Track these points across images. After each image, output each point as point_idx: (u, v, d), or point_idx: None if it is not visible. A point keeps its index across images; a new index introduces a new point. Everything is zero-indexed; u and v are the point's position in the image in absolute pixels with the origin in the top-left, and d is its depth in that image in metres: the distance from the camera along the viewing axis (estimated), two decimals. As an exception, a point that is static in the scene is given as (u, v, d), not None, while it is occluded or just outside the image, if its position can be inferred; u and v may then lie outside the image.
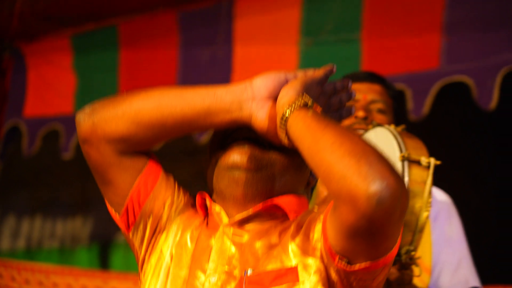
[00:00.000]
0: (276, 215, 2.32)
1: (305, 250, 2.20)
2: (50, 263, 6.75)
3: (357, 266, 2.05)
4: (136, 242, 2.38)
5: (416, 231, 3.02)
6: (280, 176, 2.31)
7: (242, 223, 2.31)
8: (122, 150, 2.29)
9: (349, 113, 2.36)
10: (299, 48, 5.17)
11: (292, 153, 2.26)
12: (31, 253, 7.35)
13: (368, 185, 1.87)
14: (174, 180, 2.41)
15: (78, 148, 5.77)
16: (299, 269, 2.18)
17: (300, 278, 2.16)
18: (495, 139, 6.44)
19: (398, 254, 2.86)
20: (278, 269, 2.20)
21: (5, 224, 7.48)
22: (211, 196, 2.39)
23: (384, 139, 3.11)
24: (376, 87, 3.71)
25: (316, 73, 2.27)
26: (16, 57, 6.23)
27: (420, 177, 3.00)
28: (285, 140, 2.17)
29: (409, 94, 4.75)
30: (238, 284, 2.20)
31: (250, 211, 2.28)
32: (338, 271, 2.11)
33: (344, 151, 1.93)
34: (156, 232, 2.37)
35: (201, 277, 2.26)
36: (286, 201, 2.31)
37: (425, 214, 3.02)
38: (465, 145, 6.49)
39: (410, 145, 3.06)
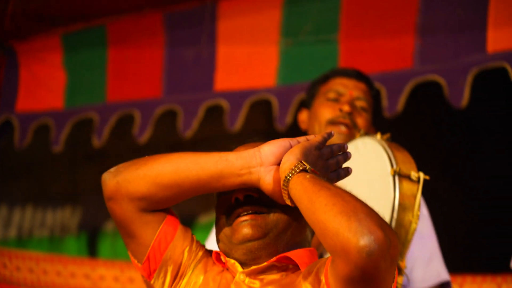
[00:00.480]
0: (287, 267, 2.47)
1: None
2: (40, 251, 6.72)
3: None
4: (158, 286, 2.51)
5: (405, 243, 3.04)
6: (285, 232, 2.49)
7: (256, 274, 2.45)
8: (144, 207, 2.46)
9: (346, 173, 2.49)
10: (279, 48, 5.16)
11: (290, 209, 2.41)
12: (22, 241, 7.32)
13: (358, 240, 2.03)
14: (190, 231, 2.59)
15: (67, 142, 5.77)
16: None
17: None
18: (467, 136, 6.44)
19: None
20: None
21: (-3, 213, 7.44)
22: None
23: (374, 152, 3.16)
24: (362, 86, 3.80)
25: (315, 138, 2.43)
26: (9, 55, 6.18)
27: (409, 191, 3.07)
28: (287, 201, 2.34)
29: (384, 93, 4.75)
30: None
31: (264, 264, 2.45)
32: None
33: (336, 211, 2.10)
34: (177, 277, 2.51)
35: None
36: (297, 254, 2.46)
37: (413, 226, 3.04)
38: (437, 142, 6.49)
39: (400, 159, 3.09)
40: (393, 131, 5.99)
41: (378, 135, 3.30)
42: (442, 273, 3.56)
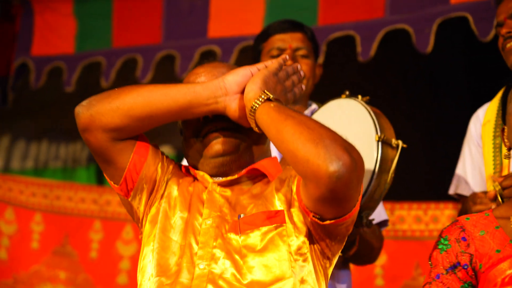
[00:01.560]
0: (255, 177, 2.49)
1: (288, 200, 2.36)
2: (54, 179, 6.73)
3: (327, 222, 2.23)
4: (135, 203, 2.50)
5: (379, 200, 3.10)
6: (251, 148, 2.49)
7: (227, 184, 2.47)
8: (117, 137, 2.41)
9: (301, 90, 2.50)
10: (265, -1, 5.15)
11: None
12: (38, 171, 7.31)
13: (327, 166, 2.06)
14: (159, 149, 2.56)
15: (78, 83, 5.77)
16: (285, 213, 2.32)
17: (286, 220, 2.31)
18: (430, 78, 6.46)
19: (360, 216, 3.00)
20: (268, 211, 2.35)
21: (15, 147, 7.42)
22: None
23: (359, 114, 3.14)
24: (298, 35, 3.79)
25: (272, 65, 2.42)
26: (24, 4, 6.15)
27: (389, 155, 3.08)
28: (255, 129, 2.34)
29: (358, 39, 4.76)
30: (233, 225, 2.36)
31: (235, 176, 2.46)
32: (312, 223, 2.28)
33: (303, 139, 2.12)
34: (153, 192, 2.49)
35: (199, 218, 2.40)
36: (263, 164, 2.47)
37: (387, 186, 3.10)
38: (404, 85, 6.50)
39: (385, 126, 3.10)
40: (366, 75, 6.02)
41: (360, 97, 3.27)
42: (382, 213, 3.61)
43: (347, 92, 3.29)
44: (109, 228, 5.87)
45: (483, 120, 3.71)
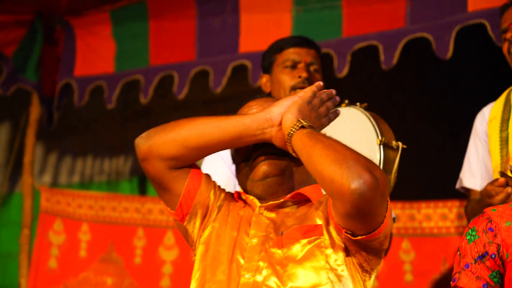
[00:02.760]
0: (300, 202, 2.53)
1: (326, 217, 2.40)
2: (99, 191, 6.76)
3: (359, 237, 2.27)
4: (190, 227, 2.57)
5: None
6: (296, 173, 2.55)
7: (273, 207, 2.53)
8: (173, 166, 2.50)
9: (335, 115, 2.54)
10: (292, 15, 5.15)
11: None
12: (84, 186, 7.32)
13: (349, 184, 2.12)
14: (212, 179, 2.63)
15: (118, 100, 5.81)
16: (323, 227, 2.38)
17: (324, 233, 2.35)
18: (450, 84, 6.41)
19: None
20: (308, 225, 2.41)
21: (62, 163, 7.45)
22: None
23: (360, 121, 3.21)
24: (312, 51, 3.86)
25: (306, 94, 2.48)
26: (66, 29, 6.19)
27: (390, 157, 3.15)
28: (293, 154, 2.41)
29: (381, 49, 4.73)
30: (276, 241, 2.41)
31: (281, 199, 2.52)
32: (346, 239, 2.32)
33: (329, 161, 2.18)
34: (206, 216, 2.56)
35: (245, 238, 2.46)
36: (307, 190, 2.53)
37: (391, 185, 3.16)
38: (425, 90, 6.46)
39: (384, 130, 3.14)
40: (390, 82, 5.98)
41: (358, 104, 3.35)
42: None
43: (346, 101, 3.31)
44: (152, 235, 5.88)
45: (488, 117, 3.77)
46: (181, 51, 5.63)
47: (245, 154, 2.57)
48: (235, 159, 2.65)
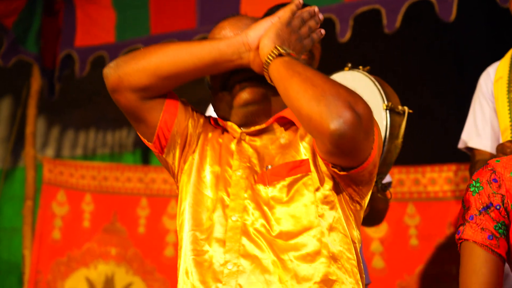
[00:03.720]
0: (283, 125, 2.42)
1: (312, 148, 2.28)
2: (101, 162, 6.76)
3: (345, 172, 2.18)
4: (170, 159, 2.46)
5: (390, 164, 3.12)
6: (278, 97, 2.37)
7: (256, 133, 2.42)
8: (146, 96, 2.38)
9: (320, 35, 2.41)
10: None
11: None
12: (87, 158, 7.33)
13: (328, 124, 2.00)
14: (190, 105, 2.52)
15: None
16: (310, 162, 2.25)
17: (312, 169, 2.24)
18: (454, 48, 6.39)
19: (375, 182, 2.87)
20: (294, 161, 2.30)
21: (65, 137, 7.45)
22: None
23: (366, 87, 3.14)
24: None
25: (284, 14, 2.31)
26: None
27: (397, 122, 3.09)
28: (270, 83, 2.29)
29: (383, 12, 4.68)
30: (261, 176, 2.31)
31: (263, 125, 2.41)
32: (333, 172, 2.23)
33: (307, 97, 2.06)
34: (185, 146, 2.45)
35: (229, 170, 2.36)
36: (290, 112, 2.36)
37: (397, 151, 3.11)
38: (429, 54, 6.43)
39: (390, 94, 3.11)
40: (393, 45, 5.95)
41: (361, 68, 3.30)
42: (386, 177, 3.58)
43: (349, 64, 3.28)
44: (155, 204, 5.87)
45: (494, 77, 3.69)
46: (182, 19, 5.59)
47: (222, 80, 2.45)
48: (211, 85, 2.51)
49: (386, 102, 3.09)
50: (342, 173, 2.19)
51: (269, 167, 2.33)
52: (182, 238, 2.39)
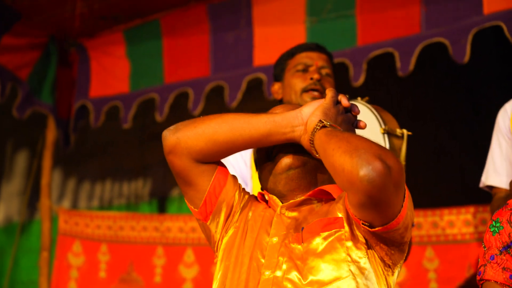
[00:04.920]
0: (321, 200, 2.46)
1: (345, 210, 2.31)
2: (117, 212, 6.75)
3: (376, 229, 2.17)
4: (213, 227, 2.51)
5: None
6: (317, 170, 2.47)
7: (294, 206, 2.45)
8: (200, 160, 2.43)
9: (364, 125, 2.48)
10: (306, 26, 5.13)
11: None
12: (104, 209, 7.32)
13: (358, 171, 2.02)
14: (237, 179, 2.56)
15: (134, 119, 5.79)
16: (344, 220, 2.31)
17: (345, 226, 2.27)
18: (468, 88, 6.35)
19: None
20: (328, 218, 2.34)
21: (81, 188, 7.45)
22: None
23: (363, 114, 3.15)
24: (324, 56, 3.79)
25: (328, 97, 2.41)
26: (80, 51, 6.23)
27: (397, 145, 3.13)
28: (316, 156, 2.35)
29: (397, 56, 4.70)
30: (296, 237, 2.35)
31: (302, 197, 2.45)
32: (364, 231, 2.23)
33: (341, 152, 2.11)
34: (229, 216, 2.50)
35: (266, 238, 2.40)
36: (329, 187, 2.46)
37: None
38: (444, 96, 6.40)
39: (387, 119, 3.18)
40: (406, 88, 5.92)
41: (359, 98, 3.35)
42: None
43: (347, 96, 3.27)
44: (171, 253, 5.84)
45: (511, 113, 3.67)
46: (195, 67, 5.62)
47: (268, 151, 2.50)
48: (258, 158, 2.58)
49: (383, 126, 3.12)
50: (372, 229, 2.20)
51: (303, 228, 2.37)
52: None
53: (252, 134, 2.39)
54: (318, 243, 2.31)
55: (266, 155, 2.52)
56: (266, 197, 2.54)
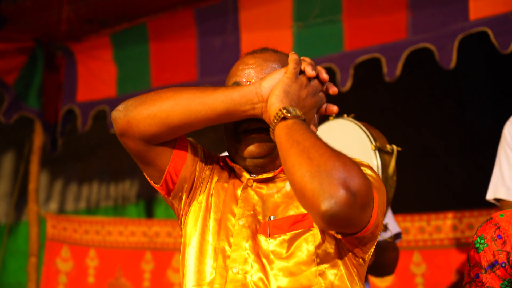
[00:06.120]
0: None
1: None
2: (105, 217, 6.75)
3: (345, 237, 2.12)
4: (176, 203, 2.42)
5: (389, 204, 3.13)
6: None
7: (262, 181, 2.37)
8: (154, 143, 2.31)
9: (334, 90, 2.32)
10: (293, 31, 5.13)
11: None
12: (91, 211, 7.34)
13: (319, 205, 1.87)
14: (198, 146, 2.47)
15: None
16: None
17: (314, 225, 2.18)
18: (455, 93, 6.40)
19: None
20: (296, 215, 2.24)
21: (68, 190, 7.46)
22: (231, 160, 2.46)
23: (353, 132, 3.24)
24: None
25: (289, 69, 2.23)
26: (67, 54, 6.20)
27: (387, 161, 3.16)
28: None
29: (383, 61, 4.71)
30: (263, 227, 2.26)
31: (270, 174, 2.36)
32: (331, 234, 2.19)
33: (301, 172, 1.94)
34: (192, 190, 2.41)
35: (232, 219, 2.31)
36: None
37: (392, 190, 3.18)
38: (430, 101, 6.44)
39: (376, 136, 3.19)
40: (393, 94, 5.96)
41: (345, 116, 3.38)
42: (395, 227, 3.59)
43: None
44: (160, 258, 5.86)
45: None
46: (182, 72, 5.61)
47: (234, 125, 2.38)
48: (225, 127, 2.45)
49: (374, 143, 3.16)
50: (339, 236, 2.14)
51: (272, 217, 2.28)
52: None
53: (209, 115, 2.24)
54: (285, 244, 2.23)
55: (233, 129, 2.40)
56: (231, 165, 2.45)
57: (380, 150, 3.15)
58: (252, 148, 2.35)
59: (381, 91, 5.81)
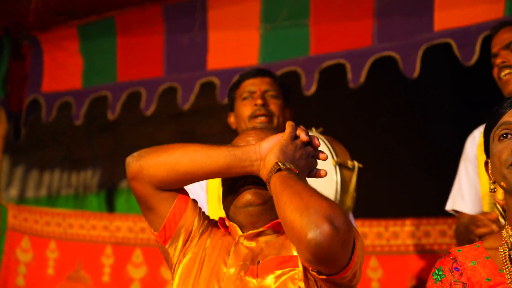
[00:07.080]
0: (279, 231, 2.54)
1: None
2: (66, 208, 6.74)
3: (324, 277, 2.26)
4: (171, 250, 2.59)
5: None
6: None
7: (253, 236, 2.54)
8: (161, 187, 2.54)
9: (324, 156, 2.55)
10: (260, 33, 5.15)
11: None
12: (52, 199, 7.32)
13: (306, 234, 2.09)
14: (198, 204, 2.67)
15: (86, 116, 5.76)
16: (299, 259, 2.35)
17: (299, 265, 2.36)
18: (418, 103, 6.46)
19: None
20: (283, 256, 2.42)
21: (30, 177, 7.43)
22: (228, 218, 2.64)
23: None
24: (267, 79, 3.92)
25: (286, 132, 2.48)
26: (34, 44, 6.16)
27: (347, 176, 3.23)
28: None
29: (348, 67, 4.75)
30: (252, 270, 2.42)
31: (260, 229, 2.53)
32: (313, 275, 2.32)
33: (292, 208, 2.17)
34: (187, 241, 2.59)
35: (223, 268, 2.48)
36: None
37: (349, 204, 3.24)
38: (394, 109, 6.50)
39: (339, 151, 3.23)
40: (357, 100, 6.01)
41: (313, 129, 3.44)
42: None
43: (301, 126, 3.37)
44: (120, 252, 5.85)
45: (479, 141, 3.74)
46: (149, 67, 5.61)
47: (232, 181, 2.58)
48: (223, 184, 2.65)
49: (335, 158, 3.23)
50: (320, 276, 2.27)
51: (259, 262, 2.44)
52: None
53: (212, 167, 2.47)
54: (271, 281, 2.37)
55: (232, 184, 2.59)
56: (227, 223, 2.61)
57: (341, 165, 3.20)
58: (248, 196, 2.53)
59: (345, 97, 5.85)
